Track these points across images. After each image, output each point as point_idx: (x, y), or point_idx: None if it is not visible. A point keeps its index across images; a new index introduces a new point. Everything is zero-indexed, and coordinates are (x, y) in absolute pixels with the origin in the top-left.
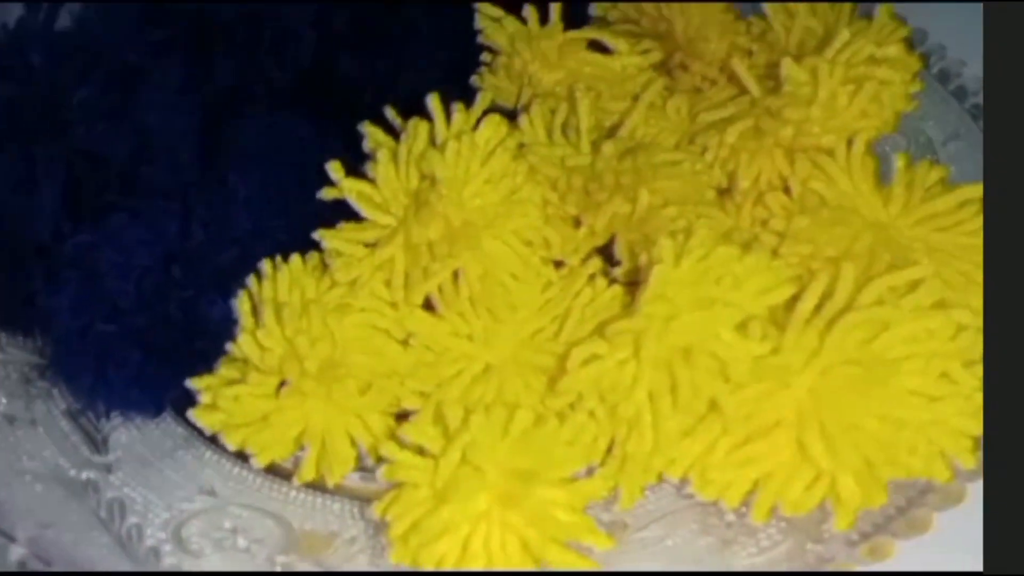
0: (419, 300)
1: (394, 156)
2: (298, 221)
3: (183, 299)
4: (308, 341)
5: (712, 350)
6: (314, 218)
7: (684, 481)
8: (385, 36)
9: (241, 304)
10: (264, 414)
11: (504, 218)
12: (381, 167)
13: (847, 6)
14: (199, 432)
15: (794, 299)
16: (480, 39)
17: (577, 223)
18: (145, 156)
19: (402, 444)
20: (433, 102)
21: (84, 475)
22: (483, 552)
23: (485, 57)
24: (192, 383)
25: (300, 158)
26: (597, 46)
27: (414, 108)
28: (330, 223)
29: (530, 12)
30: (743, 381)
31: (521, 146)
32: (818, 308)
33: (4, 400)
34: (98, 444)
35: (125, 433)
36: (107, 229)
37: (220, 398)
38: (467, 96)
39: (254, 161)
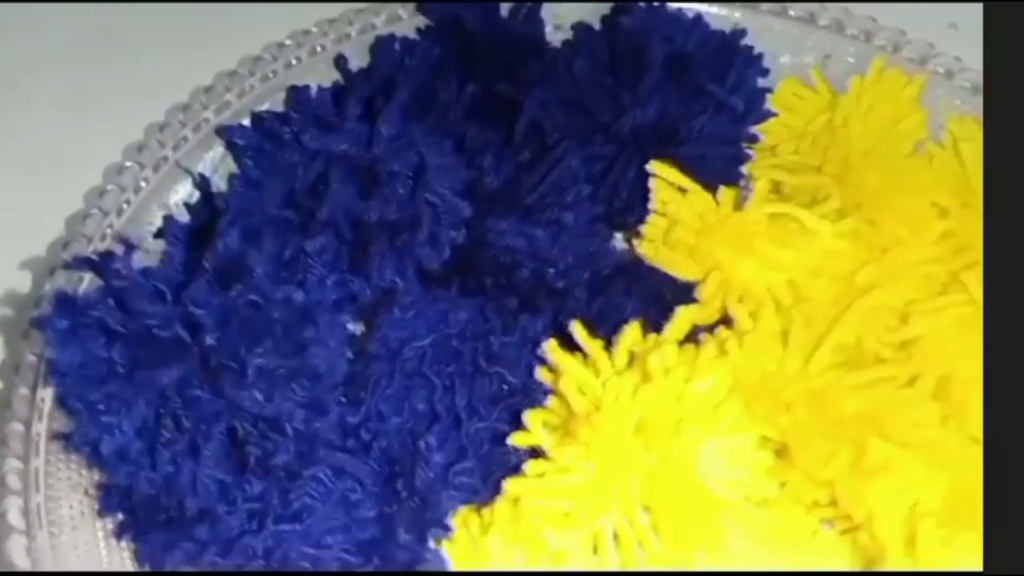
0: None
1: (599, 407)
2: (479, 457)
3: None
4: None
5: None
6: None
7: None
8: (538, 196)
9: None
10: None
11: (734, 482)
12: (591, 426)
13: None
14: None
15: None
16: (651, 206)
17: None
18: (319, 410)
19: None
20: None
21: None
22: None
23: (654, 222)
24: None
25: (471, 366)
26: None
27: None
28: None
29: (723, 193)
30: None
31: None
32: None
33: None
34: None
35: None
36: (291, 509)
37: None
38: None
39: (424, 388)
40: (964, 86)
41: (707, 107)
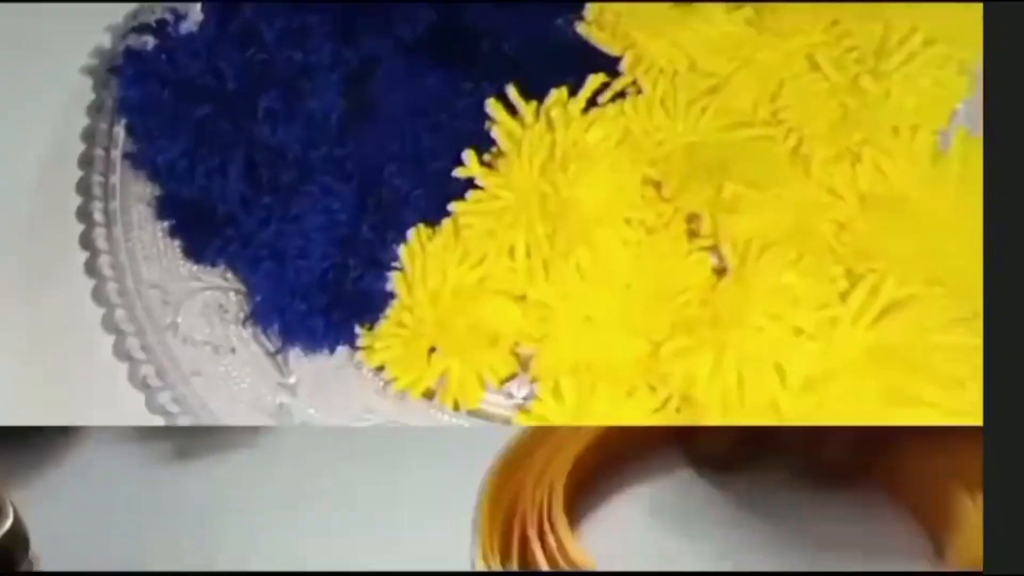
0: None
1: (519, 149)
2: (435, 187)
3: (355, 279)
4: (452, 314)
5: (777, 361)
6: (447, 180)
7: None
8: None
9: (398, 283)
10: (417, 363)
11: (613, 208)
12: (508, 163)
13: None
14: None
15: None
16: None
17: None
18: (314, 142)
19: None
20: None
21: (279, 400)
22: None
23: (590, 7)
24: (361, 339)
25: (435, 118)
26: None
27: (527, 53)
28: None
29: None
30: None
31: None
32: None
33: (208, 329)
34: (281, 366)
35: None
36: (290, 214)
37: (381, 349)
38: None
39: (398, 133)
40: None
41: None
